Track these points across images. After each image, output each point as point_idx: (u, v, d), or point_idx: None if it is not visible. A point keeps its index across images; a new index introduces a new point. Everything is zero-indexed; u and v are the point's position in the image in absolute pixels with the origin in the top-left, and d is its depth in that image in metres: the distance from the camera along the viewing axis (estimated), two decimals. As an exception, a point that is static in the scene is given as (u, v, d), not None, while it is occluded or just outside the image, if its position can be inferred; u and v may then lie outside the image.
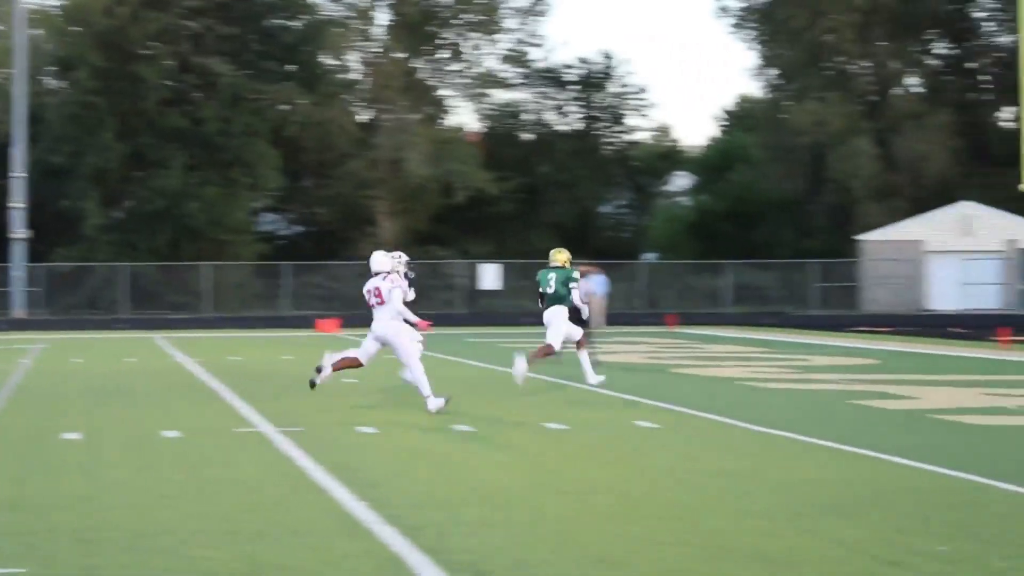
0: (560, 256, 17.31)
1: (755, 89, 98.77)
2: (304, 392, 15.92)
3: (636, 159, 69.76)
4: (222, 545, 7.15)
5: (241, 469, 10.03)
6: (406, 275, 14.87)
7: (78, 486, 9.23)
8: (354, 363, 14.60)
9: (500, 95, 64.88)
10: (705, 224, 66.97)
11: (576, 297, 17.08)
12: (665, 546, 7.04)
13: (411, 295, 14.90)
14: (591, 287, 20.95)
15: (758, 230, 64.00)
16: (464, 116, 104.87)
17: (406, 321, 14.34)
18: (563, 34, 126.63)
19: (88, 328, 38.96)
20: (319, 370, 14.43)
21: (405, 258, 15.17)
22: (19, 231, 43.44)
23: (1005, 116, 63.90)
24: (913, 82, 62.95)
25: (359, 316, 45.95)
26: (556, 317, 17.02)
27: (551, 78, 65.32)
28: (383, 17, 57.76)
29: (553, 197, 62.49)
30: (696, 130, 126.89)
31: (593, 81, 65.70)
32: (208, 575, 6.47)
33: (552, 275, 17.09)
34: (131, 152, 50.61)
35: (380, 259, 14.50)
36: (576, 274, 17.23)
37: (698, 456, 10.60)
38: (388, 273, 14.33)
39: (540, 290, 17.31)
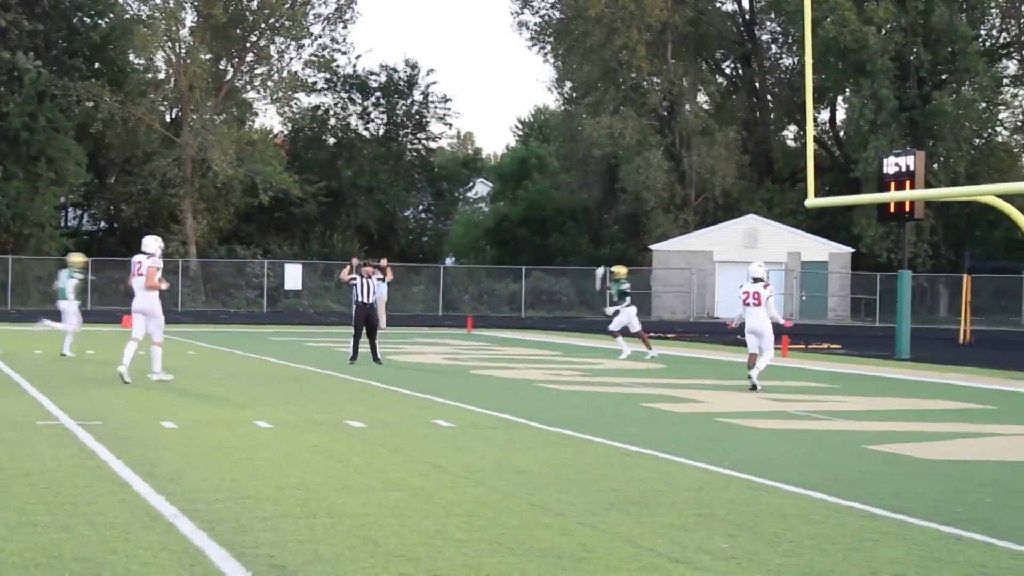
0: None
1: (551, 101, 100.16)
2: (108, 386, 15.76)
3: (438, 165, 70.19)
4: (19, 537, 7.06)
5: (41, 462, 9.88)
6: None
7: None
8: (753, 360, 18.08)
9: (306, 99, 64.61)
10: (502, 230, 67.79)
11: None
12: (460, 542, 7.19)
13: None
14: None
15: (554, 237, 65.11)
16: (270, 118, 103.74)
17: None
18: (369, 41, 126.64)
19: None
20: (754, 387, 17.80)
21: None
22: None
23: (788, 135, 66.59)
24: (702, 99, 65.10)
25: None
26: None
27: (356, 84, 65.26)
28: (190, 18, 56.97)
29: (356, 200, 62.38)
30: (496, 139, 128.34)
31: (397, 88, 65.87)
32: (3, 567, 6.38)
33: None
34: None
35: (757, 269, 18.27)
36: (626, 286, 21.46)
37: (493, 455, 10.82)
38: (767, 283, 17.93)
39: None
